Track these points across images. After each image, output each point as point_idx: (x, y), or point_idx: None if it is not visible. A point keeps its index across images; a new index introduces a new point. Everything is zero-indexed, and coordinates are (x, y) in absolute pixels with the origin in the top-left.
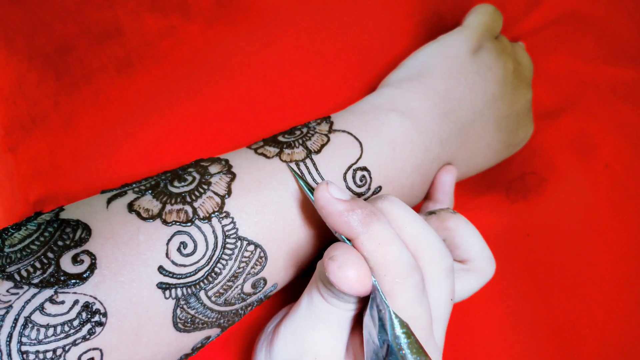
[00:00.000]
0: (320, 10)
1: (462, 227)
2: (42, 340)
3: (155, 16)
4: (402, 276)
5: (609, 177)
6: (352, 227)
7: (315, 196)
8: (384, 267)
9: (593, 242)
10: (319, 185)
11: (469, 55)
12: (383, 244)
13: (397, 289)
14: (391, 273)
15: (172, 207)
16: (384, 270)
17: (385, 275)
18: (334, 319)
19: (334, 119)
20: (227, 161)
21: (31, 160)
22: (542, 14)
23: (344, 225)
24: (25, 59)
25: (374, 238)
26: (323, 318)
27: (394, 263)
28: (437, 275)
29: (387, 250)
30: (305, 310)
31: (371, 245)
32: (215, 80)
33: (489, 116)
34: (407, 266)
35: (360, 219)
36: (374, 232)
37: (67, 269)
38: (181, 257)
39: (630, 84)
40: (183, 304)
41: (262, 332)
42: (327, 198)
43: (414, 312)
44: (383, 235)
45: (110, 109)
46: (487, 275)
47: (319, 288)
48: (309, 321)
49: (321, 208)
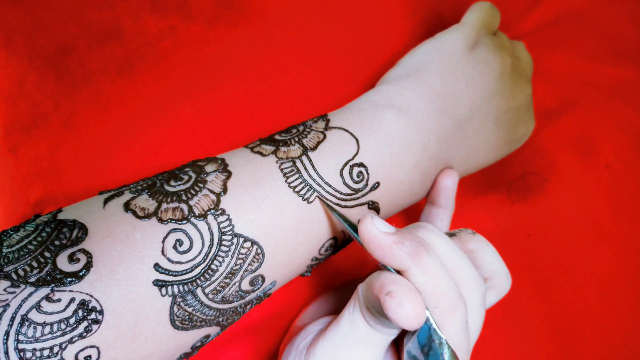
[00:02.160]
0: (321, 10)
1: (483, 249)
2: (39, 338)
3: (156, 17)
4: (452, 307)
5: (610, 177)
6: (402, 260)
7: (361, 230)
8: (435, 299)
9: (594, 242)
10: (363, 219)
11: (465, 51)
12: (434, 276)
13: (447, 320)
14: (442, 305)
15: (167, 206)
16: (435, 302)
17: (436, 307)
18: (377, 343)
19: (331, 116)
20: (223, 160)
21: (31, 160)
22: (542, 14)
23: (394, 258)
24: (26, 59)
25: (425, 270)
26: (366, 342)
27: (444, 295)
28: (476, 303)
29: (438, 283)
30: (347, 333)
31: (423, 277)
32: (216, 81)
33: (488, 112)
34: (455, 298)
35: (409, 251)
36: (424, 264)
37: (64, 267)
38: (177, 255)
39: (631, 84)
40: (180, 301)
41: (289, 346)
42: (374, 232)
43: (459, 342)
44: (433, 267)
45: (110, 109)
46: (504, 290)
47: (363, 314)
48: (351, 344)
49: (369, 242)
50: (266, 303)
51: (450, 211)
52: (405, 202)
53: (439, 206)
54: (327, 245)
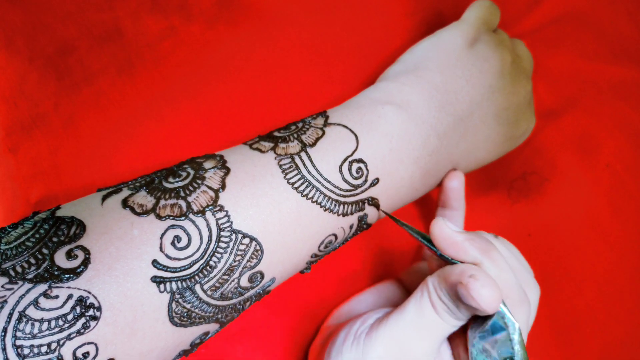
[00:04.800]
0: (320, 10)
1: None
2: (37, 334)
3: (156, 17)
4: (520, 301)
5: (610, 176)
6: (475, 254)
7: (434, 231)
8: (506, 291)
9: (594, 241)
10: (435, 221)
11: (465, 48)
12: (504, 271)
13: (517, 310)
14: (512, 297)
15: (166, 202)
16: (506, 294)
17: (507, 299)
18: (440, 332)
19: (330, 113)
20: (222, 157)
21: (32, 160)
22: (543, 13)
23: (467, 253)
24: (26, 60)
25: (496, 265)
26: (430, 329)
27: (513, 289)
28: (534, 304)
29: (508, 277)
30: (413, 320)
31: (495, 271)
32: (216, 81)
33: (488, 108)
34: (522, 293)
35: (480, 247)
36: (495, 259)
37: (61, 264)
38: (175, 251)
39: (631, 84)
40: (178, 297)
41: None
42: (448, 232)
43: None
44: (502, 263)
45: (110, 110)
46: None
47: (433, 303)
48: (417, 332)
49: (443, 240)
50: (267, 300)
51: (462, 212)
52: (406, 198)
53: (450, 208)
54: (326, 241)
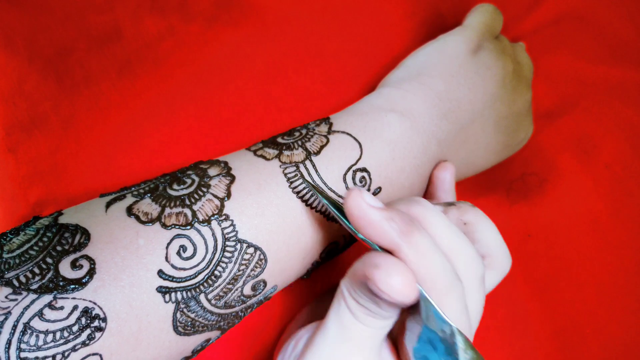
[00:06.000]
0: (320, 11)
1: (482, 221)
2: (41, 346)
3: (155, 18)
4: (448, 288)
5: (610, 177)
6: (392, 238)
7: (348, 205)
8: (430, 279)
9: (594, 242)
10: (351, 191)
11: (468, 56)
12: (426, 256)
13: (444, 300)
14: (437, 285)
15: (171, 211)
16: (430, 282)
17: (432, 289)
18: (369, 341)
19: (333, 119)
20: (227, 163)
21: (31, 161)
22: (543, 14)
23: (383, 236)
24: (26, 60)
25: (417, 249)
26: (356, 342)
27: (439, 274)
28: (473, 285)
29: (431, 262)
30: (336, 335)
31: (415, 256)
32: (216, 81)
33: (488, 117)
34: (451, 277)
35: (400, 228)
36: (416, 242)
37: (66, 274)
38: (181, 261)
39: (630, 85)
40: (183, 307)
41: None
42: (363, 207)
43: (460, 324)
44: (425, 246)
45: (110, 110)
46: (504, 270)
47: (350, 308)
48: (341, 347)
49: (357, 218)
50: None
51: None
52: None
53: (439, 200)
54: (328, 249)
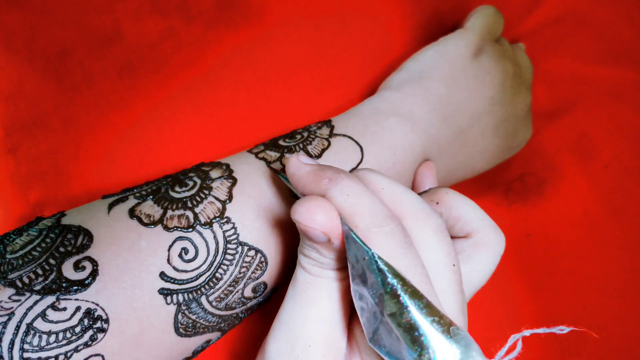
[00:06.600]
0: (320, 12)
1: (455, 198)
2: (44, 347)
3: (155, 19)
4: (376, 224)
5: (609, 177)
6: (321, 184)
7: (287, 165)
8: (356, 217)
9: (592, 242)
10: (291, 156)
11: (469, 59)
12: (353, 196)
13: (372, 237)
14: (364, 223)
15: (173, 213)
16: (356, 221)
17: (357, 227)
18: (322, 292)
19: (335, 122)
20: (228, 166)
21: (32, 161)
22: (542, 15)
23: (313, 184)
24: (26, 60)
25: (343, 191)
26: (310, 294)
27: (366, 213)
28: (426, 235)
29: (357, 201)
30: (292, 293)
31: (341, 197)
32: (216, 82)
33: (488, 121)
34: (380, 215)
35: (330, 176)
36: (343, 185)
37: (69, 275)
38: (182, 263)
39: (630, 85)
40: (184, 309)
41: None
42: (298, 164)
43: (398, 263)
44: (353, 189)
45: (110, 111)
46: (497, 247)
47: (300, 262)
48: (296, 302)
49: (292, 175)
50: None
51: None
52: None
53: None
54: None
